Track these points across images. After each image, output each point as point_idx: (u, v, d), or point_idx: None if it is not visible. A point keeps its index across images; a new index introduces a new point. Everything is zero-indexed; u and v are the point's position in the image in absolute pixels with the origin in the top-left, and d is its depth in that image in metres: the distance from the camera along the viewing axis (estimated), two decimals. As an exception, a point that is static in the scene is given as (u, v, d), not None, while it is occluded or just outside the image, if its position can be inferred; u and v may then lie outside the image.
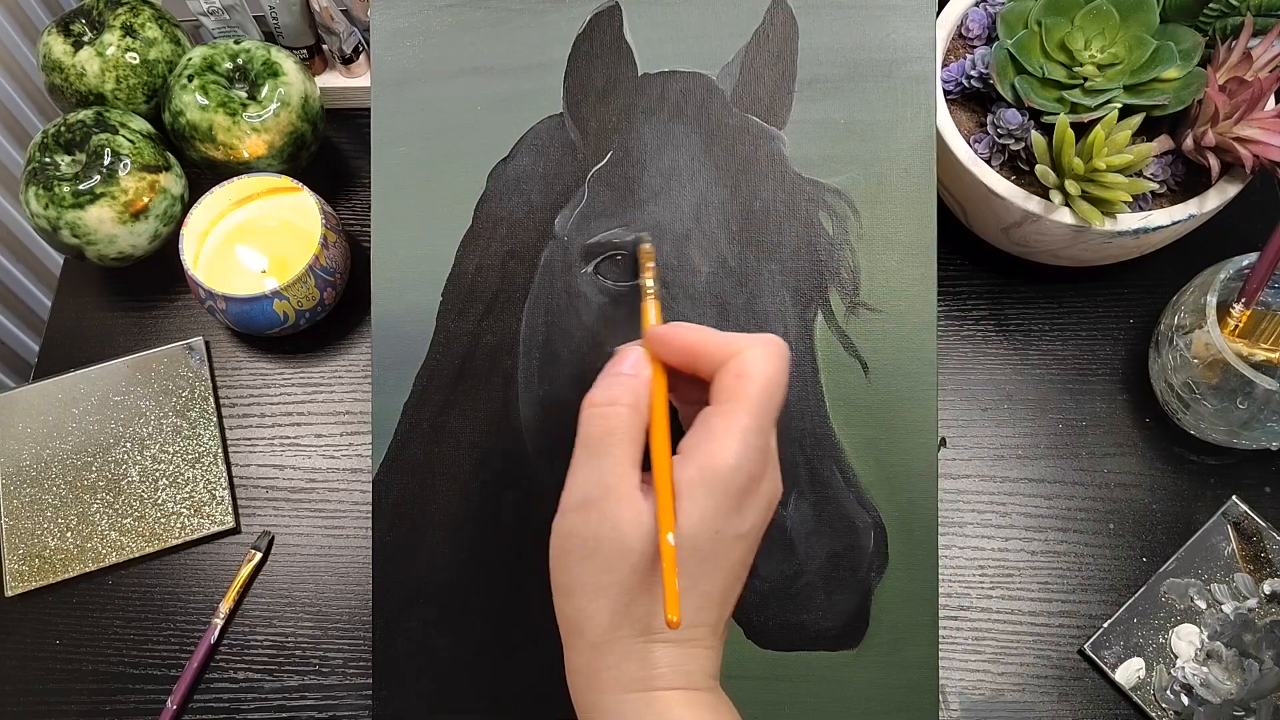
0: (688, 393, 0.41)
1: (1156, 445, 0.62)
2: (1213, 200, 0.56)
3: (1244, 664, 0.55)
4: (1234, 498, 0.59)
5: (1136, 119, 0.55)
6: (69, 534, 0.62)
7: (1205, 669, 0.55)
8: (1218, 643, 0.56)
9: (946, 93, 0.61)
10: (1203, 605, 0.57)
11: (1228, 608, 0.57)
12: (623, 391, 0.38)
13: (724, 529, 0.36)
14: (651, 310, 0.42)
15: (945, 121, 0.59)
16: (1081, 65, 0.56)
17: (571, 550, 0.37)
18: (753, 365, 0.37)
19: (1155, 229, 0.56)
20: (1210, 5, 0.56)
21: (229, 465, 0.64)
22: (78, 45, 0.67)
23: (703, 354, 0.38)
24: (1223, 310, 0.57)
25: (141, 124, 0.66)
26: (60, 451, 0.64)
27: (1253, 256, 0.56)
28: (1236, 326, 0.57)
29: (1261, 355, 0.58)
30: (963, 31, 0.62)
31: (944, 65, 0.61)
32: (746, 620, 0.48)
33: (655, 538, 0.35)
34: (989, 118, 0.59)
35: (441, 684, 0.49)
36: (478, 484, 0.49)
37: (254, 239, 0.66)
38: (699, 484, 0.36)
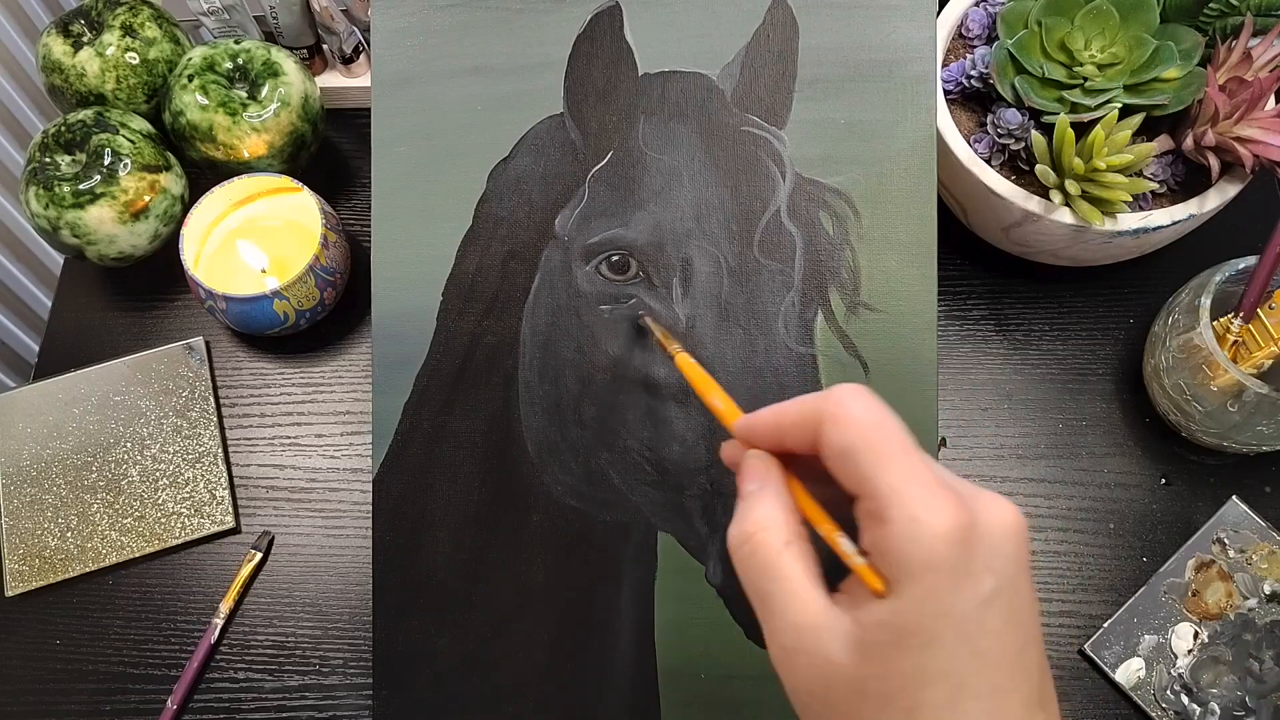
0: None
1: (1156, 445, 0.62)
2: (1213, 200, 0.56)
3: (1244, 664, 0.55)
4: (1234, 498, 0.59)
5: (1136, 119, 0.55)
6: (69, 534, 0.62)
7: (1205, 668, 0.55)
8: (1218, 643, 0.56)
9: (946, 93, 0.61)
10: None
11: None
12: (758, 515, 0.33)
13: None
14: (699, 376, 0.39)
15: (945, 121, 0.59)
16: (1081, 65, 0.56)
17: (812, 712, 0.32)
18: (845, 407, 0.31)
19: (1155, 229, 0.56)
20: (1210, 5, 0.56)
21: (229, 465, 0.64)
22: (77, 46, 0.66)
23: (789, 427, 0.33)
24: (1219, 317, 0.57)
25: (142, 124, 0.66)
26: (60, 451, 0.64)
27: (1250, 259, 0.56)
28: (1236, 342, 0.57)
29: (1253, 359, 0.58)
30: (963, 31, 0.62)
31: (944, 65, 0.61)
32: (747, 620, 0.48)
33: (866, 653, 0.30)
34: (989, 118, 0.59)
35: (441, 684, 0.49)
36: (478, 484, 0.49)
37: (254, 239, 0.66)
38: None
